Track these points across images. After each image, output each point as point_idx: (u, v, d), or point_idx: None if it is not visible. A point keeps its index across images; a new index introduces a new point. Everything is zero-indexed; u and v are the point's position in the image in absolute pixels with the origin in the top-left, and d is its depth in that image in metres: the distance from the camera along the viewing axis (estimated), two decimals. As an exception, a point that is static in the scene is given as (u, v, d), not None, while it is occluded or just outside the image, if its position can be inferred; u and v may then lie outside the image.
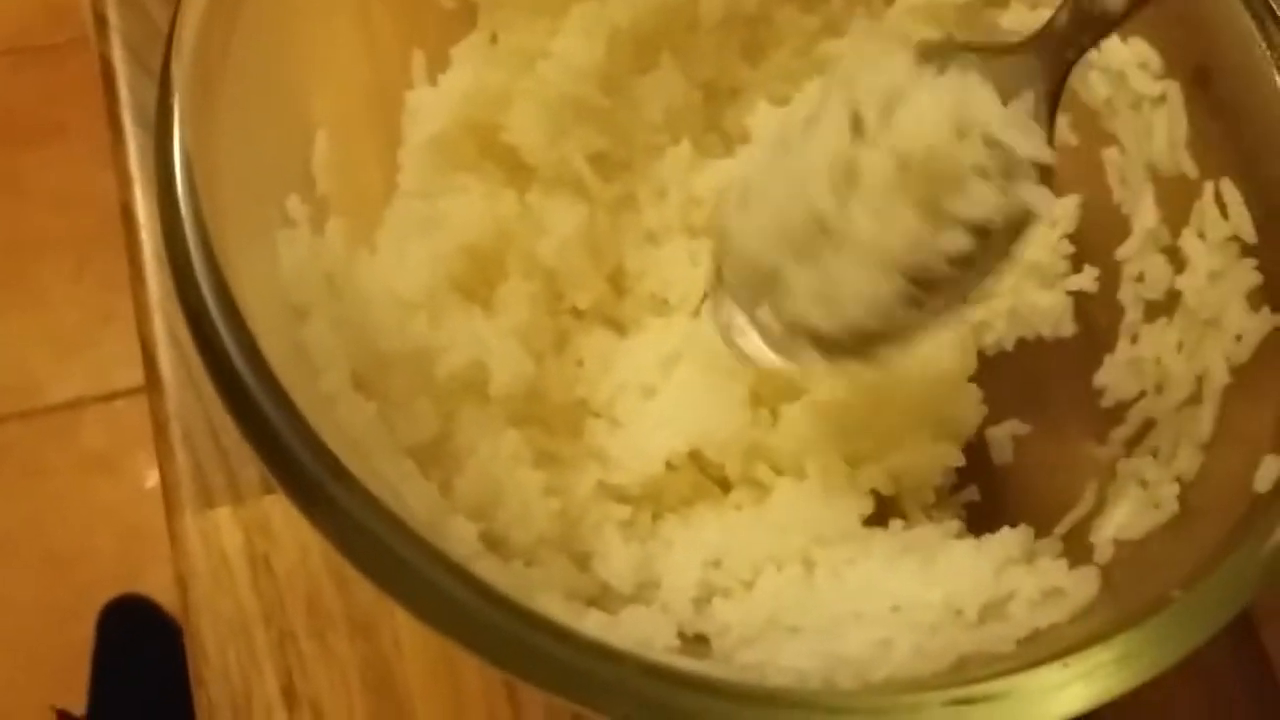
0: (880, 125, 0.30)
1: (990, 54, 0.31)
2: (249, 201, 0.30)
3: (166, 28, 0.46)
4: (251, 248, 0.30)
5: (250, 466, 0.39)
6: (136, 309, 0.42)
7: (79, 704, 1.00)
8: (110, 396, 1.17)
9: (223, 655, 0.37)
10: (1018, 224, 0.30)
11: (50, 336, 1.19)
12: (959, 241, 0.30)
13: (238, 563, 0.38)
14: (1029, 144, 0.29)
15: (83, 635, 1.02)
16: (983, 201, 0.30)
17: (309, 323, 0.31)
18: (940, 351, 0.38)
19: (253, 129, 0.31)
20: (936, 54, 0.31)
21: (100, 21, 0.47)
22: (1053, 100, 0.30)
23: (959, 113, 0.29)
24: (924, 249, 0.30)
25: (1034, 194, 0.30)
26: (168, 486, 0.39)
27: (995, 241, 0.30)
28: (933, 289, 0.31)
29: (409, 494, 0.30)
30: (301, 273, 0.32)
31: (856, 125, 0.30)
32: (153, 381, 0.41)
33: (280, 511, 0.39)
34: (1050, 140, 0.30)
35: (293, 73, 0.34)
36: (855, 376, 0.36)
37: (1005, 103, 0.30)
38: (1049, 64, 0.31)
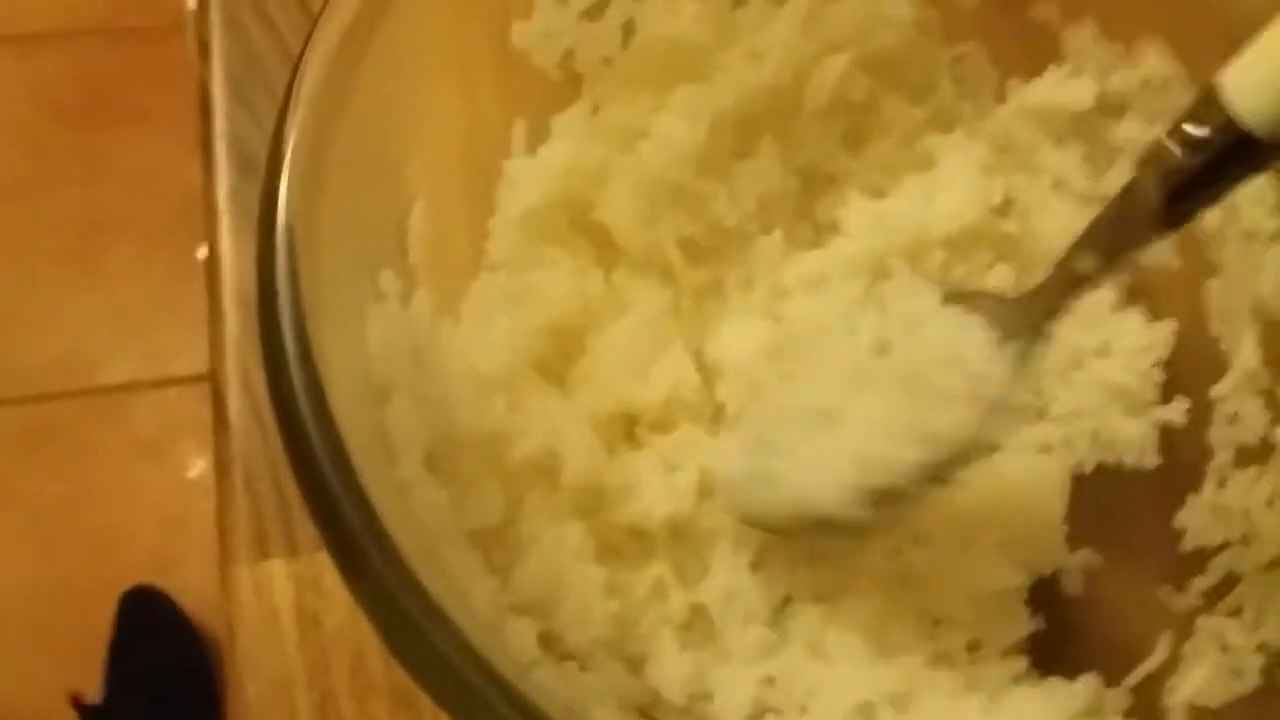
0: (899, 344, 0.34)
1: (1007, 302, 0.34)
2: (345, 274, 0.30)
3: (267, 60, 0.48)
4: (343, 322, 0.30)
5: (307, 519, 0.39)
6: (211, 347, 0.42)
7: (96, 690, 1.00)
8: (164, 383, 1.18)
9: (263, 710, 0.37)
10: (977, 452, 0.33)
11: (112, 317, 1.21)
12: (921, 453, 0.32)
13: (287, 617, 0.38)
14: (998, 380, 0.32)
15: (105, 620, 1.03)
16: (954, 423, 0.32)
17: (391, 402, 0.30)
18: (1034, 490, 0.37)
19: (356, 198, 0.31)
20: (960, 297, 0.34)
21: (204, 48, 0.48)
22: (1033, 348, 0.32)
23: (952, 346, 0.33)
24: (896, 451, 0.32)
25: (1000, 430, 0.33)
26: (224, 531, 0.39)
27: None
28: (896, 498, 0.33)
29: (472, 589, 0.29)
30: (388, 347, 0.31)
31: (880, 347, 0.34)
32: (220, 422, 0.41)
33: (333, 570, 0.38)
34: (1027, 382, 0.33)
35: (396, 139, 0.34)
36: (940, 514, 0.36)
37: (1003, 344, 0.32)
38: (1036, 317, 0.32)
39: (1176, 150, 0.28)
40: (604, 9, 0.38)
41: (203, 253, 0.45)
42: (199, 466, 1.14)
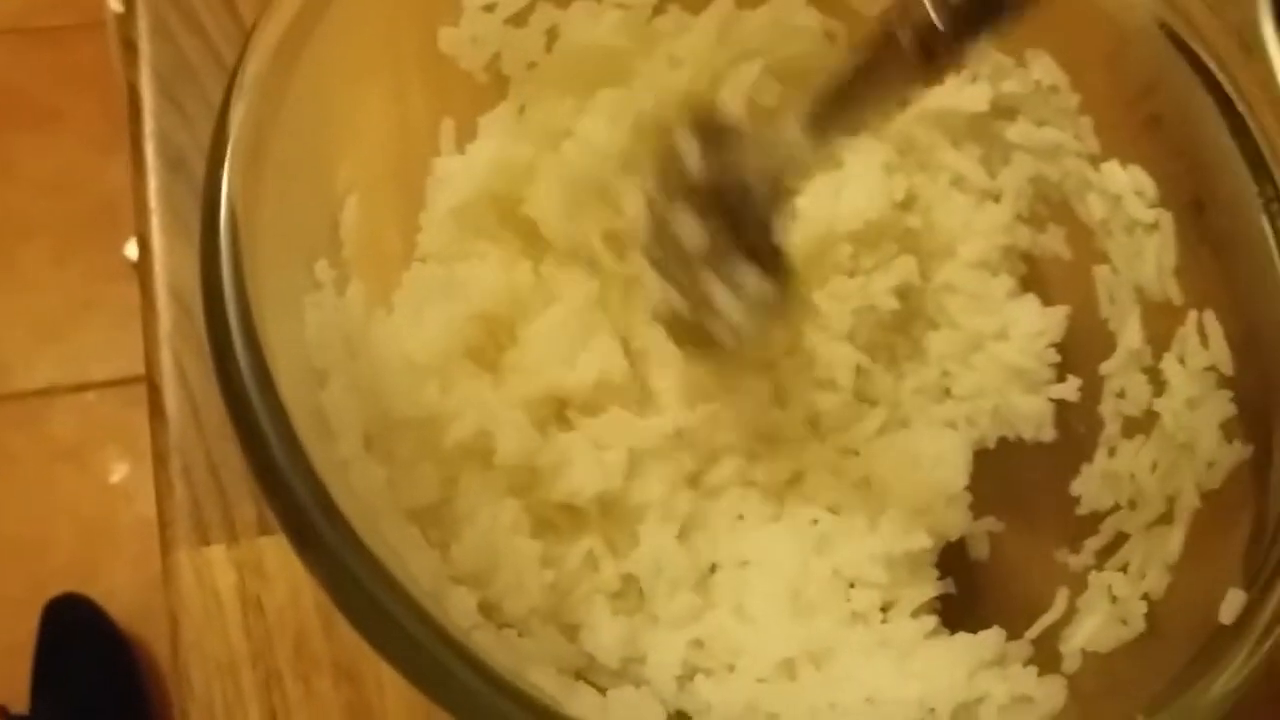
0: None
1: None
2: (284, 265, 0.31)
3: (195, 61, 0.48)
4: (282, 310, 0.31)
5: (246, 504, 0.40)
6: (145, 339, 0.42)
7: (22, 700, 0.99)
8: (83, 387, 1.16)
9: (209, 692, 0.37)
10: None
11: (27, 321, 1.19)
12: None
13: (229, 601, 0.39)
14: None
15: (30, 630, 1.02)
16: None
17: (328, 386, 0.32)
18: (939, 462, 0.40)
19: (293, 192, 0.33)
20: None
21: (130, 48, 0.48)
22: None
23: None
24: None
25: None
26: (164, 522, 0.40)
27: None
28: None
29: (413, 561, 0.31)
30: (324, 335, 0.33)
31: None
32: (156, 413, 0.41)
33: (273, 552, 0.39)
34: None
35: (330, 136, 0.35)
36: (854, 484, 0.38)
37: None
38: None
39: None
40: (528, 16, 0.40)
41: (133, 250, 0.46)
42: (121, 471, 1.13)
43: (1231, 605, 0.30)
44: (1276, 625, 0.30)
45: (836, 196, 0.42)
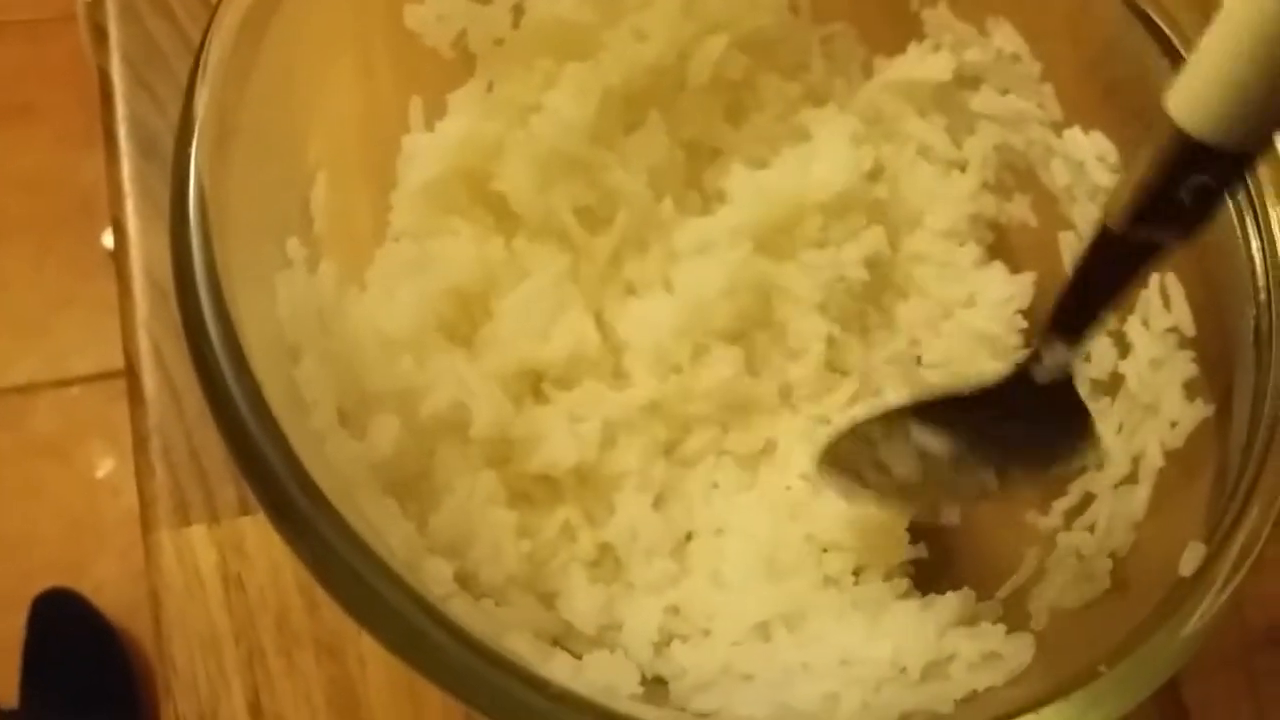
0: None
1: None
2: (254, 242, 0.32)
3: (165, 45, 0.48)
4: (253, 287, 0.31)
5: (227, 486, 0.40)
6: (123, 324, 0.42)
7: (11, 695, 0.99)
8: (65, 383, 1.16)
9: (192, 669, 0.38)
10: None
11: (7, 318, 1.18)
12: None
13: (211, 580, 0.39)
14: None
15: (18, 625, 1.02)
16: None
17: (301, 361, 0.32)
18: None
19: (261, 170, 0.33)
20: None
21: (99, 33, 0.48)
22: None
23: None
24: None
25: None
26: (145, 502, 0.40)
27: None
28: None
29: (389, 532, 0.31)
30: (296, 312, 0.33)
31: None
32: (135, 396, 0.42)
33: (254, 532, 0.40)
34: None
35: (298, 115, 0.36)
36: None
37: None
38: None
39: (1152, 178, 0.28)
40: (493, -8, 0.40)
41: (109, 239, 0.46)
42: (106, 465, 1.13)
43: (1192, 558, 0.31)
44: (1235, 575, 0.30)
45: (805, 168, 0.43)
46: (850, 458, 0.36)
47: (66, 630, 1.02)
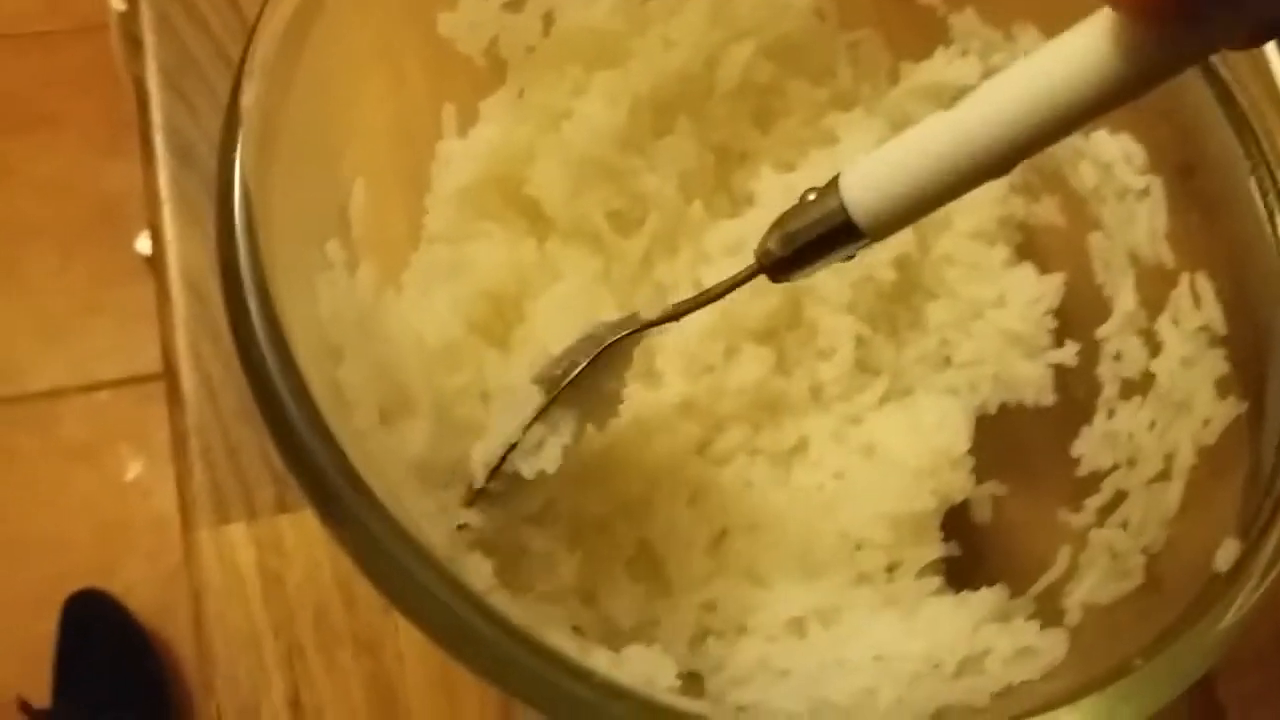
0: None
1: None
2: (296, 245, 0.32)
3: (199, 55, 0.49)
4: (296, 289, 0.32)
5: (265, 485, 0.41)
6: (161, 326, 0.43)
7: (44, 695, 1.00)
8: (93, 387, 1.17)
9: (233, 665, 0.39)
10: None
11: (34, 324, 1.20)
12: None
13: (250, 577, 0.40)
14: None
15: (51, 626, 1.03)
16: None
17: (343, 362, 0.33)
18: (941, 427, 0.41)
19: (301, 174, 0.33)
20: None
21: (135, 43, 0.49)
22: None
23: None
24: None
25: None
26: (185, 501, 0.41)
27: None
28: None
29: (429, 529, 0.32)
30: (337, 313, 0.33)
31: None
32: (174, 398, 0.42)
33: (293, 529, 0.40)
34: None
35: (336, 120, 0.36)
36: (858, 451, 0.39)
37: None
38: None
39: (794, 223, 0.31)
40: (525, 1, 0.41)
41: (144, 243, 0.47)
42: (136, 468, 1.14)
43: (1227, 554, 0.31)
44: (1271, 570, 0.30)
45: (833, 172, 0.43)
46: None
47: (98, 631, 1.03)
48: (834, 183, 0.30)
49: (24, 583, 1.07)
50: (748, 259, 0.41)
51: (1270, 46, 0.47)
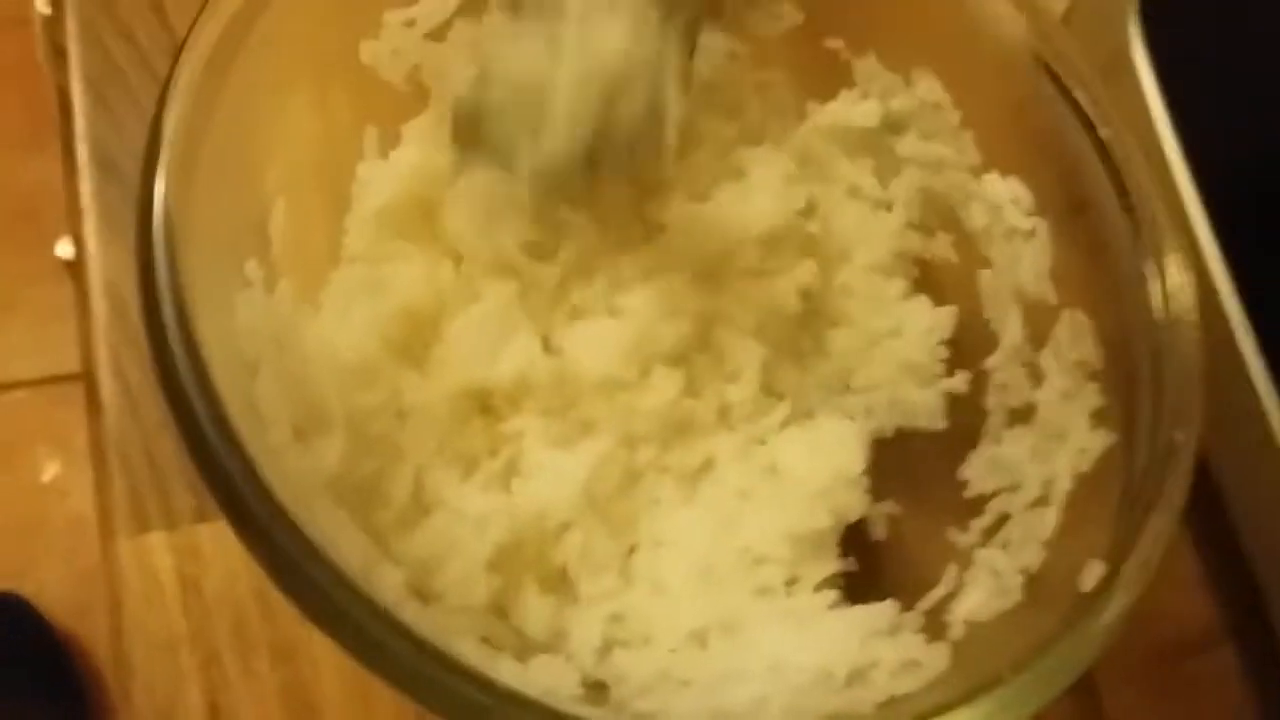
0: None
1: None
2: (215, 263, 0.33)
3: (125, 65, 0.50)
4: (214, 306, 0.32)
5: (184, 494, 0.42)
6: (81, 339, 0.44)
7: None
8: (9, 386, 1.15)
9: (150, 673, 0.39)
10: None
11: (-54, 324, 1.17)
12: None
13: (168, 585, 0.40)
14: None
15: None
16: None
17: (259, 378, 0.34)
18: (838, 449, 0.43)
19: (223, 194, 0.34)
20: None
21: (59, 53, 0.49)
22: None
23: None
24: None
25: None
26: (104, 510, 0.41)
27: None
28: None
29: (342, 542, 0.33)
30: (254, 330, 0.34)
31: None
32: (93, 406, 0.43)
33: (211, 539, 0.41)
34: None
35: (259, 141, 0.37)
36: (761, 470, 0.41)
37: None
38: None
39: None
40: (446, 31, 0.42)
41: (66, 250, 0.47)
42: (52, 470, 1.12)
43: (1091, 574, 0.33)
44: (1133, 589, 0.33)
45: (743, 204, 0.45)
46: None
47: (10, 634, 1.02)
48: None
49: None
50: (660, 285, 0.44)
51: (1152, 95, 0.51)
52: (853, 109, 0.45)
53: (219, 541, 0.41)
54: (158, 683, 0.39)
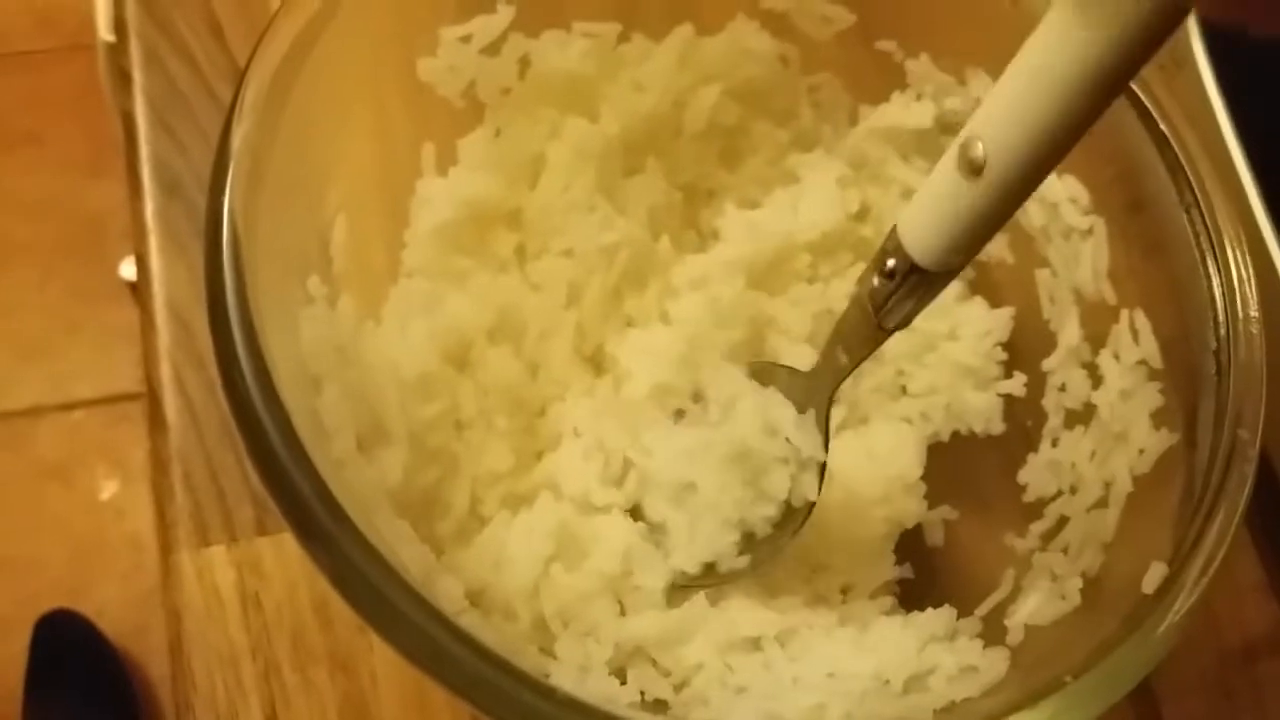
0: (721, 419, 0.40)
1: (796, 374, 0.40)
2: (280, 280, 0.34)
3: (186, 89, 0.51)
4: (279, 321, 0.33)
5: (245, 508, 0.43)
6: (145, 355, 0.45)
7: (14, 716, 1.00)
8: (70, 406, 1.18)
9: (211, 684, 0.40)
10: (805, 508, 0.39)
11: (12, 343, 1.20)
12: (769, 510, 0.39)
13: (229, 598, 0.41)
14: (810, 446, 0.39)
15: (22, 647, 1.03)
16: (781, 482, 0.39)
17: (323, 392, 0.34)
18: (895, 454, 0.43)
19: (286, 213, 0.35)
20: (761, 372, 0.41)
21: (124, 77, 0.51)
22: (826, 413, 0.40)
23: (766, 417, 0.39)
24: (749, 513, 0.39)
25: (810, 486, 0.39)
26: (166, 524, 0.42)
27: (792, 516, 0.39)
28: (756, 544, 0.39)
29: (404, 553, 0.33)
30: (317, 345, 0.35)
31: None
32: (156, 422, 0.44)
33: (271, 552, 0.42)
34: (826, 444, 0.39)
35: (320, 159, 0.38)
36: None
37: (801, 412, 0.39)
38: (820, 394, 0.39)
39: (875, 280, 0.35)
40: (501, 46, 0.43)
41: (129, 269, 0.48)
42: (111, 488, 1.14)
43: (1154, 576, 0.33)
44: (1194, 592, 0.32)
45: (795, 210, 0.45)
46: None
47: (69, 652, 1.04)
48: (893, 236, 0.33)
49: (-3, 603, 1.07)
50: (712, 292, 0.44)
51: (1213, 91, 0.50)
52: (906, 110, 0.45)
53: (279, 554, 0.42)
54: (218, 695, 0.40)
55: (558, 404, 0.42)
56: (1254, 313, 0.37)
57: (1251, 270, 0.38)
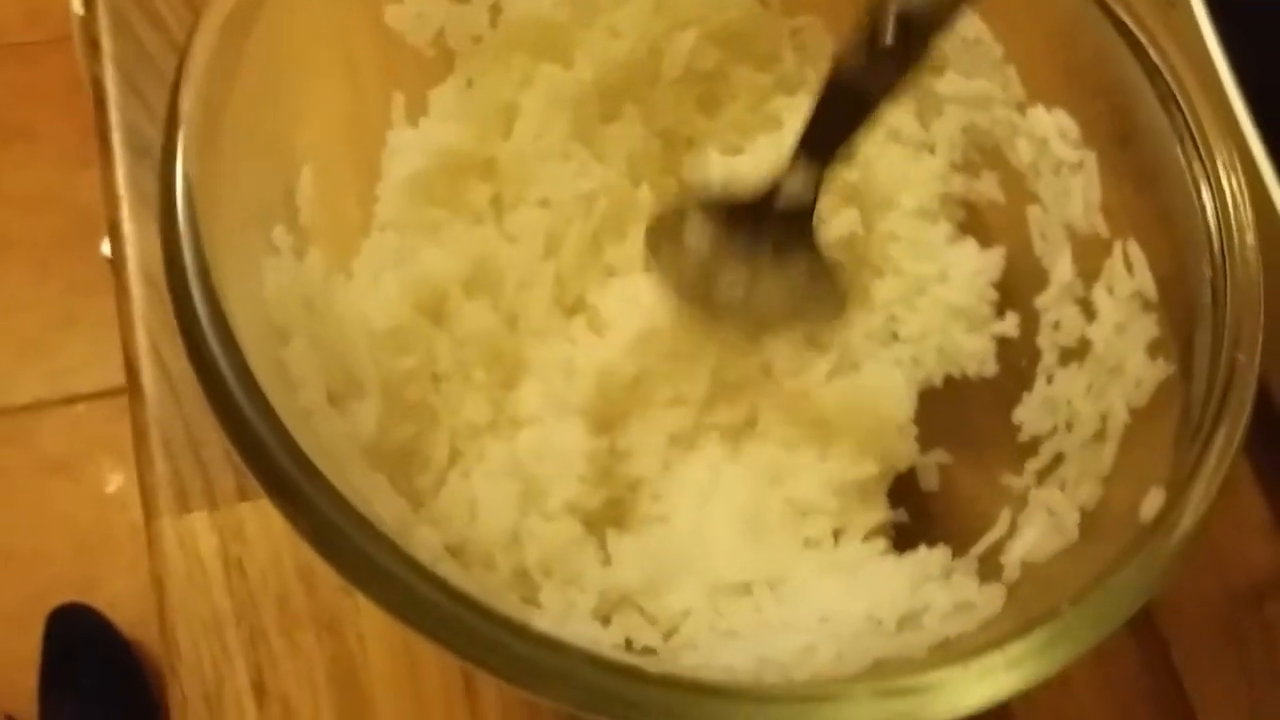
0: None
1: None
2: (241, 230, 0.33)
3: (156, 53, 0.50)
4: (241, 273, 0.32)
5: (226, 474, 0.42)
6: (120, 322, 0.44)
7: (29, 711, 1.00)
8: (71, 400, 1.18)
9: (196, 651, 0.39)
10: None
11: (11, 338, 1.20)
12: None
13: (212, 565, 0.40)
14: None
15: (35, 641, 1.03)
16: None
17: (290, 343, 0.33)
18: (884, 397, 0.42)
19: (247, 162, 0.34)
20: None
21: (93, 45, 0.50)
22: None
23: None
24: None
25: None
26: (146, 492, 0.41)
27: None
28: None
29: (378, 505, 0.32)
30: (283, 297, 0.34)
31: None
32: (134, 391, 0.43)
33: (254, 517, 0.41)
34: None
35: (283, 110, 0.37)
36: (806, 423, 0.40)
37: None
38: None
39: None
40: (470, -10, 0.42)
41: (107, 247, 0.47)
42: (116, 481, 1.14)
43: (1152, 503, 0.32)
44: (1193, 519, 0.31)
45: (779, 155, 0.44)
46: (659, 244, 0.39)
47: (82, 645, 1.04)
48: None
49: (6, 598, 1.07)
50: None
51: (1201, 13, 0.49)
52: (890, 50, 0.44)
53: (262, 520, 0.41)
54: (204, 662, 0.39)
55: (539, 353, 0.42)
56: (1249, 237, 0.36)
57: (1247, 195, 0.37)
